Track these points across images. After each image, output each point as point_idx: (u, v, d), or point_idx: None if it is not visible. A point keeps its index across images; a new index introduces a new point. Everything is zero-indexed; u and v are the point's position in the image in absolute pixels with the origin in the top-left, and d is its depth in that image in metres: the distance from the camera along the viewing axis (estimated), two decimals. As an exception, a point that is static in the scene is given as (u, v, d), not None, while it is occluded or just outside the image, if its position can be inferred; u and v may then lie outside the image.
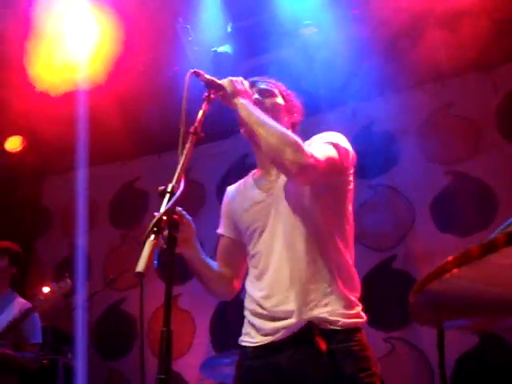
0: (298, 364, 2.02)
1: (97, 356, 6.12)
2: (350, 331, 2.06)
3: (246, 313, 2.27)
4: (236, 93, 2.13)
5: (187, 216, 2.15)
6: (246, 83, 2.23)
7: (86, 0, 4.89)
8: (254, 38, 5.21)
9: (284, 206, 2.19)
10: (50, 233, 7.08)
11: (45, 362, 4.97)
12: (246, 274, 2.37)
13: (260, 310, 2.16)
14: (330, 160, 2.09)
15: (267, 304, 2.14)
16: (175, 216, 1.57)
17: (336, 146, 2.16)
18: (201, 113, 1.96)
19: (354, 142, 6.41)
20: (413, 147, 5.63)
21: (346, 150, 2.20)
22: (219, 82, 2.13)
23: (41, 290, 3.91)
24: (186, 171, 1.76)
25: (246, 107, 2.10)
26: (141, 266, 1.42)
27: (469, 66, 5.36)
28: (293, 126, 2.45)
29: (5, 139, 6.43)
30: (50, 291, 3.91)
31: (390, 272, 5.39)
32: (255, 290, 2.22)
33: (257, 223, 2.25)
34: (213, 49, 5.30)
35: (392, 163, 5.64)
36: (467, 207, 5.20)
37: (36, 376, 4.73)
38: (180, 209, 2.07)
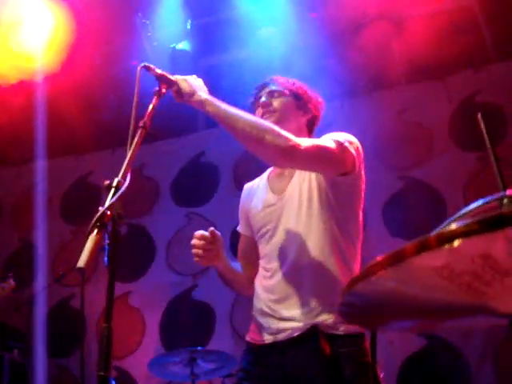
0: (301, 365, 2.05)
1: (45, 353, 6.01)
2: (353, 337, 2.09)
3: (253, 311, 2.30)
4: (195, 90, 2.09)
5: (217, 232, 2.19)
6: (200, 80, 2.18)
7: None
8: (213, 36, 5.21)
9: (294, 211, 2.21)
10: (-1, 226, 6.93)
11: (-11, 358, 4.87)
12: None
13: (267, 310, 2.20)
14: (319, 147, 2.08)
15: (275, 306, 2.18)
16: (120, 211, 1.55)
17: (337, 142, 2.13)
18: (150, 107, 1.94)
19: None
20: (368, 151, 5.68)
21: (347, 149, 2.14)
22: (172, 77, 2.10)
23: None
24: (140, 167, 1.74)
25: (211, 103, 2.05)
26: (82, 260, 1.39)
27: (423, 74, 5.46)
28: (309, 123, 2.45)
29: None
30: None
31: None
32: (263, 291, 2.25)
33: (268, 226, 2.28)
34: (171, 45, 5.28)
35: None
36: (418, 212, 5.28)
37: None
38: (212, 228, 2.17)
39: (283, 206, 2.25)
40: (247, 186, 2.57)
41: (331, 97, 5.67)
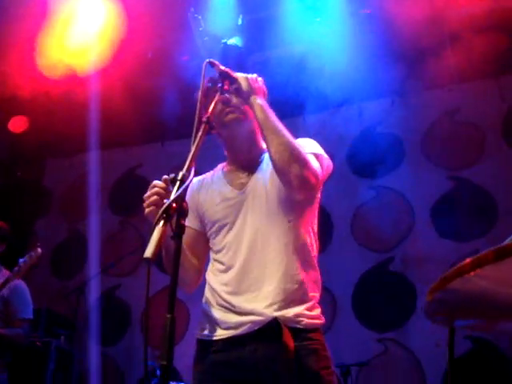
0: (262, 359, 2.02)
1: (91, 341, 6.12)
2: (312, 331, 2.09)
3: (207, 305, 2.22)
4: (252, 91, 2.13)
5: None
6: (261, 80, 2.22)
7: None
8: (264, 31, 5.20)
9: (256, 205, 2.20)
10: (49, 215, 7.08)
11: (38, 343, 4.97)
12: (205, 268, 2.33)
13: (224, 304, 2.14)
14: (321, 175, 2.17)
15: (233, 300, 2.12)
16: (184, 204, 1.57)
17: (321, 158, 2.21)
18: (213, 103, 1.96)
19: (357, 141, 6.37)
20: (417, 150, 5.64)
21: (325, 160, 2.25)
22: (234, 75, 2.12)
23: (17, 261, 4.02)
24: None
25: (263, 109, 2.10)
26: (149, 251, 1.42)
27: (476, 73, 5.36)
28: None
29: (9, 119, 6.42)
30: (24, 261, 3.99)
31: (386, 273, 5.41)
32: (219, 284, 2.19)
33: (227, 219, 2.24)
34: (223, 40, 5.31)
35: (395, 165, 5.65)
36: (468, 213, 5.21)
37: (28, 357, 4.74)
38: (166, 176, 1.99)
39: (244, 200, 2.22)
40: (197, 179, 2.44)
41: (381, 94, 5.64)
